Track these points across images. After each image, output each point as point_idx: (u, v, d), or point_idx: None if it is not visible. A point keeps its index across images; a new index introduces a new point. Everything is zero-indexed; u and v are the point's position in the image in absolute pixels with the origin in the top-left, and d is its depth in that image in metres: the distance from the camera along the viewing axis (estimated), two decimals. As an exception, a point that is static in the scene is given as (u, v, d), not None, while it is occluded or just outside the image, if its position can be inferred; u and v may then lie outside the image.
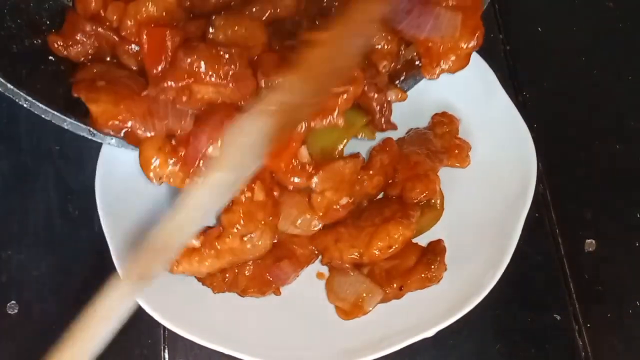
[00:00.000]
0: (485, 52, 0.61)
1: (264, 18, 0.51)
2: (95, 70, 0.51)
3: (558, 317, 0.57)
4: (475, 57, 0.60)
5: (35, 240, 0.58)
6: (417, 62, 0.55)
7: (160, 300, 0.52)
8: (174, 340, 0.55)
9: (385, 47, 0.52)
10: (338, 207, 0.52)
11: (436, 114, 0.60)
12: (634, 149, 0.64)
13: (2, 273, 0.57)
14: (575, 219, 0.61)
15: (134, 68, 0.51)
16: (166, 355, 0.55)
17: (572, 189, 0.62)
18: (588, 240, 0.60)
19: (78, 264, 0.57)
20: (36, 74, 0.51)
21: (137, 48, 0.51)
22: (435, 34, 0.50)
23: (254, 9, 0.51)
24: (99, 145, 0.56)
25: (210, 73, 0.46)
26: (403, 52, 0.54)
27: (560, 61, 0.67)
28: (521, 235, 0.54)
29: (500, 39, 0.68)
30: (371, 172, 0.54)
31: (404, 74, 0.56)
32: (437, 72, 0.53)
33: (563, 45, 0.68)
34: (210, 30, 0.48)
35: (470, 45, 0.51)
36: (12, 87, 0.47)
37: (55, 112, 0.49)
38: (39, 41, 0.52)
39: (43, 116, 0.49)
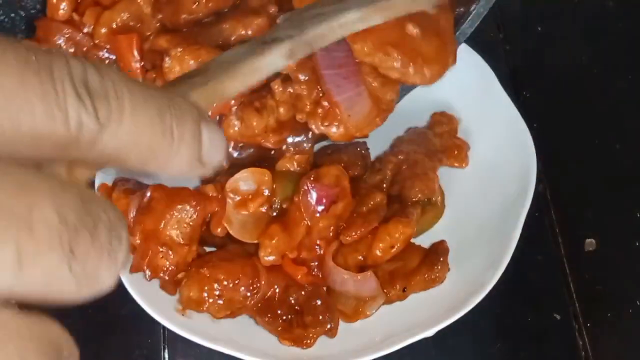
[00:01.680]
0: (485, 52, 0.61)
1: (232, 38, 0.50)
2: None
3: (558, 317, 0.57)
4: (475, 57, 0.60)
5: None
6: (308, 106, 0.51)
7: (160, 300, 0.52)
8: (174, 340, 0.55)
9: (301, 83, 0.49)
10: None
11: (435, 113, 0.60)
12: (634, 149, 0.64)
13: (2, 273, 0.57)
14: (575, 219, 0.61)
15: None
16: (166, 355, 0.55)
17: (572, 189, 0.62)
18: (588, 240, 0.60)
19: (78, 264, 0.57)
20: None
21: (108, 55, 0.51)
22: (346, 106, 0.48)
23: (225, 26, 0.50)
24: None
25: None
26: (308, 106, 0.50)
27: (560, 61, 0.67)
28: (521, 235, 0.54)
29: (500, 39, 0.68)
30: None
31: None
32: (318, 127, 0.49)
33: (563, 45, 0.68)
34: (167, 60, 0.47)
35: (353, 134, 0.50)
36: None
37: None
38: None
39: None
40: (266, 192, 0.52)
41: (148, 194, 0.51)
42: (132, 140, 0.21)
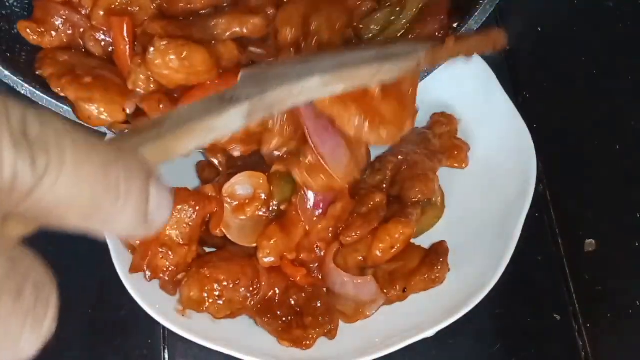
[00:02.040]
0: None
1: (227, 34, 0.49)
2: (63, 60, 0.50)
3: (558, 317, 0.57)
4: (475, 57, 0.60)
5: (36, 240, 0.58)
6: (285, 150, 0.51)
7: (160, 301, 0.52)
8: (174, 340, 0.55)
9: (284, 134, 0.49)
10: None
11: (435, 114, 0.60)
12: (634, 149, 0.64)
13: (2, 273, 0.57)
14: (575, 219, 0.61)
15: (100, 55, 0.51)
16: (166, 355, 0.55)
17: (572, 189, 0.62)
18: (588, 240, 0.60)
19: (78, 264, 0.57)
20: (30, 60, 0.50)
21: (104, 37, 0.50)
22: (328, 160, 0.48)
23: (221, 20, 0.50)
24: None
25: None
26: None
27: (560, 61, 0.67)
28: (521, 235, 0.54)
29: (500, 39, 0.68)
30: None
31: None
32: (301, 177, 0.49)
33: (563, 45, 0.68)
34: (150, 50, 0.47)
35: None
36: (10, 74, 0.47)
37: (53, 100, 0.48)
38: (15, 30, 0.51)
39: (41, 103, 0.49)
40: (263, 196, 0.52)
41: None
42: (73, 194, 0.20)
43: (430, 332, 0.52)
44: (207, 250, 0.54)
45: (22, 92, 0.48)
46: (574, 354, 0.56)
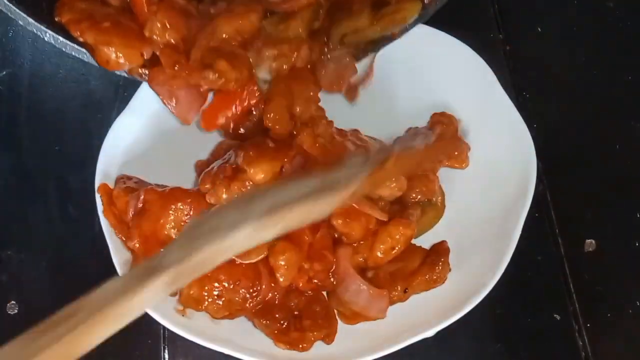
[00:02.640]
0: (485, 52, 0.61)
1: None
2: (81, 7, 0.50)
3: (558, 317, 0.57)
4: (475, 57, 0.60)
5: (35, 240, 0.58)
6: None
7: (160, 300, 0.52)
8: (174, 340, 0.55)
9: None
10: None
11: (435, 113, 0.60)
12: (634, 149, 0.64)
13: (2, 273, 0.57)
14: (575, 219, 0.61)
15: (116, 4, 0.51)
16: (166, 355, 0.55)
17: (572, 189, 0.62)
18: (588, 240, 0.60)
19: (78, 264, 0.57)
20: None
21: None
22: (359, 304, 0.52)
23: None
24: (99, 145, 0.56)
25: None
26: None
27: (560, 61, 0.67)
28: (521, 235, 0.54)
29: (500, 39, 0.68)
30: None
31: None
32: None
33: (563, 45, 0.68)
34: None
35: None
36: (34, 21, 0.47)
37: (76, 45, 0.49)
38: None
39: (64, 49, 0.49)
40: None
41: (142, 197, 0.51)
42: None
43: (430, 332, 0.52)
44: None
45: (46, 39, 0.48)
46: (574, 354, 0.56)
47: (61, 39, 0.49)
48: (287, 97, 0.51)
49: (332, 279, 0.52)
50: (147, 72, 0.51)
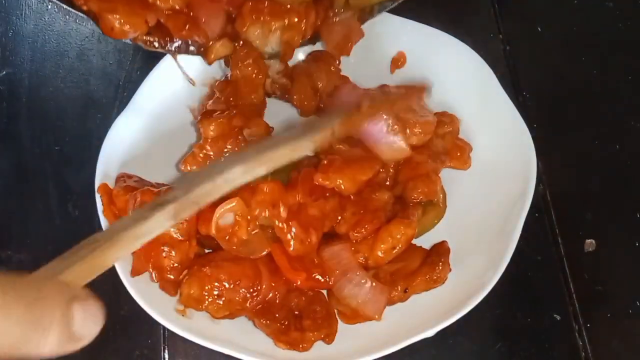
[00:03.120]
0: (485, 52, 0.61)
1: None
2: None
3: (558, 317, 0.57)
4: (476, 57, 0.60)
5: (35, 240, 0.58)
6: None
7: (160, 301, 0.52)
8: (174, 340, 0.55)
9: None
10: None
11: (437, 113, 0.60)
12: (634, 149, 0.64)
13: (2, 273, 0.57)
14: (575, 219, 0.61)
15: None
16: (166, 355, 0.55)
17: (572, 189, 0.62)
18: (588, 240, 0.60)
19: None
20: None
21: None
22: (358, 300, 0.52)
23: None
24: (99, 145, 0.56)
25: None
26: None
27: (560, 61, 0.67)
28: (521, 235, 0.54)
29: (500, 39, 0.68)
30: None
31: None
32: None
33: (563, 45, 0.68)
34: None
35: None
36: None
37: (80, 13, 0.49)
38: None
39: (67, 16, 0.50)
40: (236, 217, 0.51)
41: (138, 198, 0.51)
42: (2, 334, 0.23)
43: (430, 332, 0.52)
44: (207, 251, 0.54)
45: (50, 6, 0.48)
46: (574, 354, 0.56)
47: (64, 6, 0.49)
48: (308, 76, 0.54)
49: (336, 270, 0.52)
50: (151, 39, 0.50)
